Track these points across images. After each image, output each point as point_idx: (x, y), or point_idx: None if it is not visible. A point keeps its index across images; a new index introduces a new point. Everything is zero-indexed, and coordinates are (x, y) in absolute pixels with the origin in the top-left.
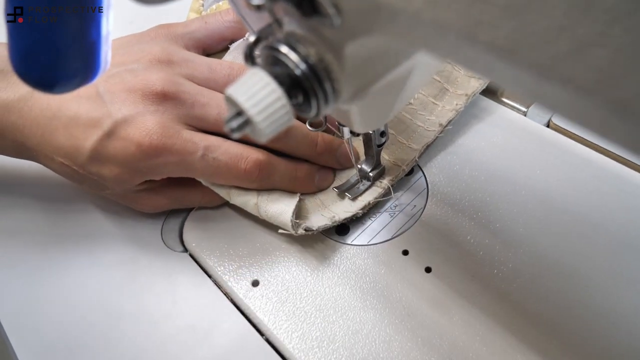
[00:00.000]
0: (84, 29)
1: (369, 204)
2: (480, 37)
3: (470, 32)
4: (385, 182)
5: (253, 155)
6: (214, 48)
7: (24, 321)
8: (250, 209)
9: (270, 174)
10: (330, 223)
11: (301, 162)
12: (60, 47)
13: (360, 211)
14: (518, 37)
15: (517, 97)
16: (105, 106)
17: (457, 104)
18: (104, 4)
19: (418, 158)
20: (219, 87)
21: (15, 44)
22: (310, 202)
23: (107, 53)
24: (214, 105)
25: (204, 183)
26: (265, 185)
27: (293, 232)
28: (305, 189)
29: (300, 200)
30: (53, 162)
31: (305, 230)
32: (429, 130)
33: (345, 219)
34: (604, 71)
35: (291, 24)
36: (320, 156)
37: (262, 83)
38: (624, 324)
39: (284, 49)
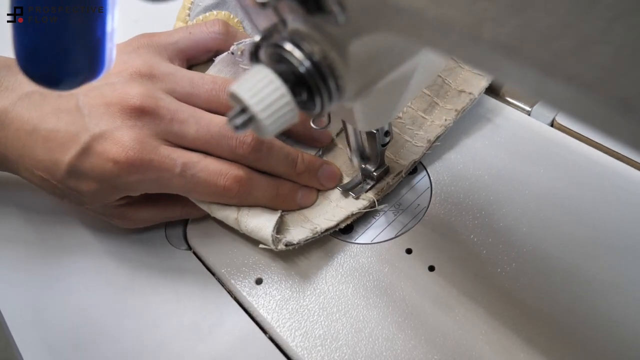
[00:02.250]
0: (89, 26)
1: (352, 214)
2: (484, 34)
3: (474, 30)
4: (370, 195)
5: (233, 171)
6: (198, 59)
7: (28, 320)
8: (231, 223)
9: (250, 191)
10: (312, 235)
11: (283, 180)
12: (65, 44)
13: (343, 222)
14: (522, 34)
15: (521, 96)
16: (83, 120)
17: (446, 120)
18: (108, 2)
19: (405, 174)
20: (201, 102)
21: (21, 40)
22: (292, 216)
23: (111, 50)
24: (192, 122)
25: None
26: (246, 201)
27: (273, 247)
28: (287, 207)
29: (281, 215)
30: (33, 175)
31: (285, 245)
32: (417, 146)
33: (328, 229)
34: (607, 68)
35: (295, 21)
36: (299, 176)
37: (267, 80)
38: (627, 323)
39: (288, 46)
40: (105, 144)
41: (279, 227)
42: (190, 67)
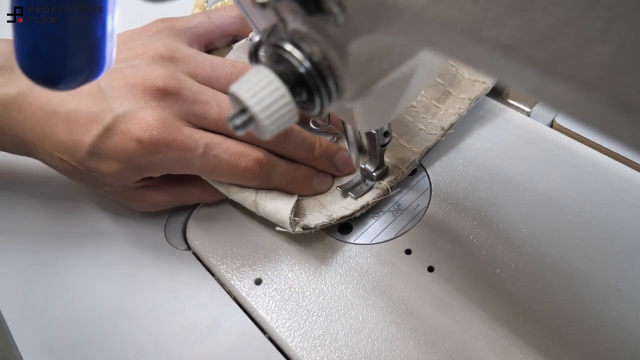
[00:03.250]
0: (89, 26)
1: (367, 204)
2: (484, 34)
3: (474, 29)
4: (384, 184)
5: (254, 153)
6: (217, 43)
7: (27, 319)
8: (248, 205)
9: (270, 173)
10: (328, 221)
11: (300, 165)
12: (65, 43)
13: (358, 212)
14: (521, 34)
15: (521, 97)
16: (106, 101)
17: (459, 108)
18: (109, 2)
19: (418, 161)
20: (221, 85)
21: (21, 40)
22: (309, 202)
23: (112, 50)
24: (214, 104)
25: (203, 177)
26: (265, 184)
27: (290, 229)
28: (303, 191)
29: (298, 200)
30: (52, 158)
31: (302, 228)
32: (431, 134)
33: (343, 217)
34: (607, 68)
35: (295, 21)
36: (316, 160)
37: (267, 80)
38: (626, 325)
39: (288, 46)
40: (128, 124)
41: (296, 212)
42: (208, 51)
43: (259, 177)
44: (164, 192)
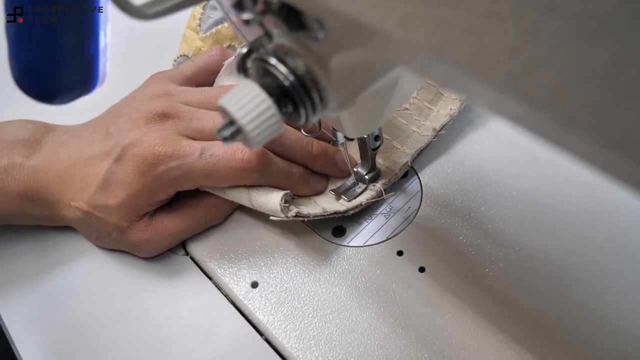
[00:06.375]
0: (83, 42)
1: (360, 204)
2: (446, 55)
3: (437, 51)
4: (378, 186)
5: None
6: (205, 83)
7: (28, 325)
8: (243, 200)
9: (268, 165)
10: (322, 212)
11: (296, 164)
12: (59, 59)
13: (352, 211)
14: (477, 56)
15: None
16: (114, 139)
17: (451, 109)
18: (100, 19)
19: (411, 163)
20: (212, 106)
21: (16, 57)
22: (303, 200)
23: (105, 65)
24: (209, 119)
25: (206, 189)
26: (264, 176)
27: (283, 216)
28: (301, 190)
29: (293, 198)
30: (69, 209)
31: (296, 215)
32: (423, 135)
33: (337, 212)
34: (552, 88)
35: (280, 36)
36: (316, 159)
37: (253, 94)
38: (611, 321)
39: (273, 61)
40: (134, 149)
41: (290, 204)
42: None
43: (258, 169)
44: (171, 218)
